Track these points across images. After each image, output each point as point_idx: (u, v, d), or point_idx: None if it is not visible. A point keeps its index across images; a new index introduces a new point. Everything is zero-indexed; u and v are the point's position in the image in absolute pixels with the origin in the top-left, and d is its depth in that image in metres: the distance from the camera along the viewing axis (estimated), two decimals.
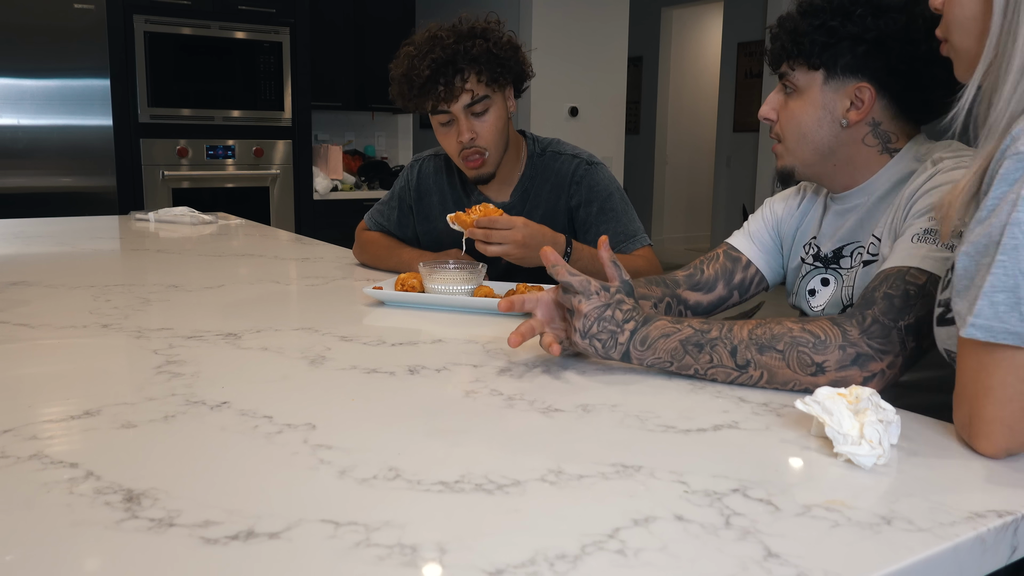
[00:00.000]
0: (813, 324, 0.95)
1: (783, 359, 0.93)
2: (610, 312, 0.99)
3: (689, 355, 0.97)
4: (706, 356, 0.96)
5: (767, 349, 0.94)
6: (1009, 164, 0.72)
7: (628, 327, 0.99)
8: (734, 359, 0.95)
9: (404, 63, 1.59)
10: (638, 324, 0.99)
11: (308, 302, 1.52)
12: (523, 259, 1.47)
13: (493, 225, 1.43)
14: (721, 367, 0.96)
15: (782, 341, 0.94)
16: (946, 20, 0.86)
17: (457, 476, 0.70)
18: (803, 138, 1.16)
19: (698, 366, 0.97)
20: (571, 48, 4.67)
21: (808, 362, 0.93)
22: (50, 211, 3.48)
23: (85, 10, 3.66)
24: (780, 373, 0.94)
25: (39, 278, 1.65)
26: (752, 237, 1.34)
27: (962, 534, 0.62)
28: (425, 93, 1.57)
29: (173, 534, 0.60)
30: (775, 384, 0.95)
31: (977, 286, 0.73)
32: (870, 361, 0.92)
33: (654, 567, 0.56)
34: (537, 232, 1.46)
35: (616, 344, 0.99)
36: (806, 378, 0.93)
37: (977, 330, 0.72)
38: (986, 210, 0.74)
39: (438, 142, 1.70)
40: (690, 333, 0.97)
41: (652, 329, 0.99)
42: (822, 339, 0.93)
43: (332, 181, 4.75)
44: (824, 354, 0.92)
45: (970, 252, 0.74)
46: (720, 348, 0.96)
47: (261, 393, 0.94)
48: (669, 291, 1.27)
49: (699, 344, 0.96)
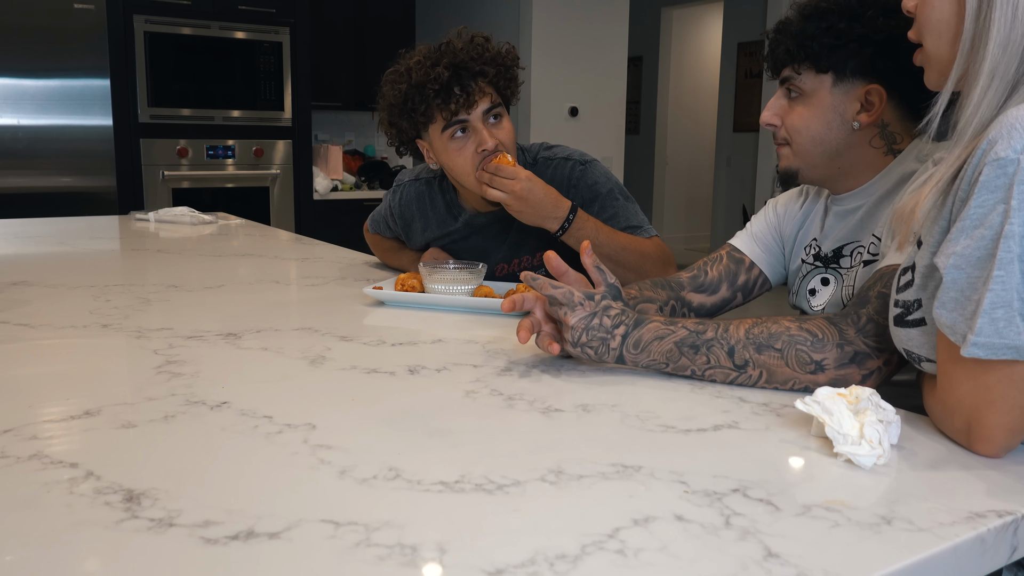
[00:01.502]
0: (810, 323, 0.95)
1: (782, 357, 0.94)
2: (597, 320, 0.99)
3: (685, 356, 0.97)
4: (703, 357, 0.96)
5: (765, 348, 0.94)
6: (990, 171, 0.71)
7: (618, 332, 0.99)
8: (732, 359, 0.95)
9: (412, 75, 1.49)
10: (629, 328, 0.99)
11: (308, 302, 1.52)
12: (520, 213, 1.48)
13: (498, 172, 1.46)
14: (719, 368, 0.96)
15: (780, 340, 0.94)
16: (919, 23, 0.85)
17: (457, 476, 0.70)
18: (813, 141, 1.16)
19: (695, 367, 0.97)
20: (571, 48, 4.67)
21: (807, 360, 0.93)
22: (50, 211, 3.48)
23: (85, 10, 3.67)
24: (779, 372, 0.94)
25: (39, 278, 1.65)
26: (755, 238, 1.34)
27: (962, 534, 0.62)
28: (443, 101, 1.48)
29: (173, 534, 0.60)
30: (774, 383, 0.95)
31: (974, 302, 0.72)
32: (867, 359, 0.93)
33: (654, 567, 0.56)
34: (539, 189, 1.46)
35: (608, 350, 0.99)
36: (805, 376, 0.93)
37: (979, 349, 0.71)
38: (970, 219, 0.73)
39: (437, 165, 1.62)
40: (685, 335, 0.97)
41: (645, 332, 0.98)
42: (819, 337, 0.93)
43: (332, 181, 4.75)
44: (823, 352, 0.93)
45: (960, 265, 0.73)
46: (717, 349, 0.96)
47: (261, 393, 0.94)
48: (673, 293, 1.27)
49: (695, 345, 0.96)
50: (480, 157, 1.51)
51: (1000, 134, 0.71)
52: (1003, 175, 0.71)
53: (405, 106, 1.51)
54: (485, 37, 1.56)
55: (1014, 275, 0.70)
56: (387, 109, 1.55)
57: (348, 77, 4.86)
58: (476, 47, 1.52)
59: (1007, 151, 0.70)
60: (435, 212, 1.73)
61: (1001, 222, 0.70)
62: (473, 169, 1.52)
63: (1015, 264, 0.70)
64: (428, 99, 1.48)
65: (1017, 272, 0.70)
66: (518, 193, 1.44)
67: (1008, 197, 0.70)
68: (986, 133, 0.73)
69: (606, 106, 4.87)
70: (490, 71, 1.51)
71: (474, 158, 1.52)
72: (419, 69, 1.48)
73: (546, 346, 1.03)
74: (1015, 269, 0.70)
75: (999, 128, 0.72)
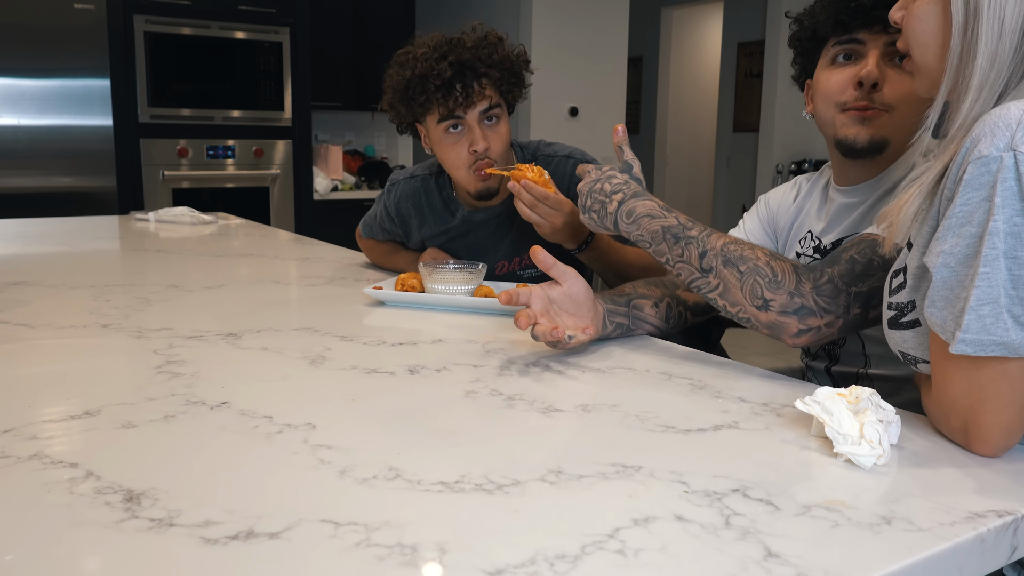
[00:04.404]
0: (777, 262, 0.99)
1: (739, 280, 0.98)
2: (599, 185, 1.11)
3: (666, 242, 1.04)
4: (679, 249, 1.02)
5: (730, 264, 0.99)
6: (973, 169, 0.72)
7: (616, 198, 1.08)
8: (700, 262, 1.01)
9: (418, 65, 1.50)
10: (626, 196, 1.08)
11: (308, 302, 1.52)
12: (549, 236, 1.46)
13: (544, 200, 1.40)
14: (687, 264, 1.02)
15: (746, 263, 0.99)
16: (906, 34, 0.85)
17: (457, 476, 0.70)
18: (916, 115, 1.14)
19: (670, 255, 1.04)
20: (571, 48, 4.67)
21: (758, 295, 0.98)
22: (50, 211, 3.48)
23: (85, 10, 3.67)
24: (733, 292, 0.99)
25: (39, 278, 1.65)
26: (747, 235, 1.36)
27: (962, 534, 0.62)
28: (442, 96, 1.49)
29: (173, 534, 0.60)
30: (724, 301, 1.00)
31: (963, 299, 0.72)
32: (810, 316, 0.96)
33: (654, 567, 0.56)
34: (576, 224, 1.45)
35: (607, 214, 1.09)
36: (750, 308, 0.99)
37: (967, 345, 0.72)
38: (956, 217, 0.73)
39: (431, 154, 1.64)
40: (673, 223, 1.05)
41: (639, 205, 1.06)
42: (778, 279, 0.97)
43: (332, 181, 4.75)
44: (774, 293, 0.97)
45: (949, 263, 0.74)
46: (692, 247, 1.01)
47: (261, 393, 0.94)
48: (668, 292, 1.27)
49: (677, 236, 1.03)
50: (472, 157, 1.53)
51: (983, 132, 0.72)
52: (986, 172, 0.71)
53: (406, 93, 1.53)
54: (499, 37, 1.56)
55: (999, 271, 0.70)
56: (390, 90, 1.57)
57: (348, 77, 4.86)
58: (486, 47, 1.52)
59: (990, 149, 0.71)
60: (431, 209, 1.72)
61: (986, 219, 0.71)
62: (464, 164, 1.55)
63: (1000, 261, 0.70)
64: (428, 92, 1.50)
65: (1003, 269, 0.70)
66: (559, 226, 1.42)
67: (992, 195, 0.71)
68: (970, 132, 0.74)
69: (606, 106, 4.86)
70: (495, 74, 1.51)
71: (466, 156, 1.54)
72: (424, 61, 1.49)
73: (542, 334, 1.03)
74: (1000, 266, 0.70)
75: (982, 127, 0.72)
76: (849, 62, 1.15)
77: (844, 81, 1.14)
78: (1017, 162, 0.69)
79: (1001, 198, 0.70)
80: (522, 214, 1.42)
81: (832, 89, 1.15)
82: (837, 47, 1.15)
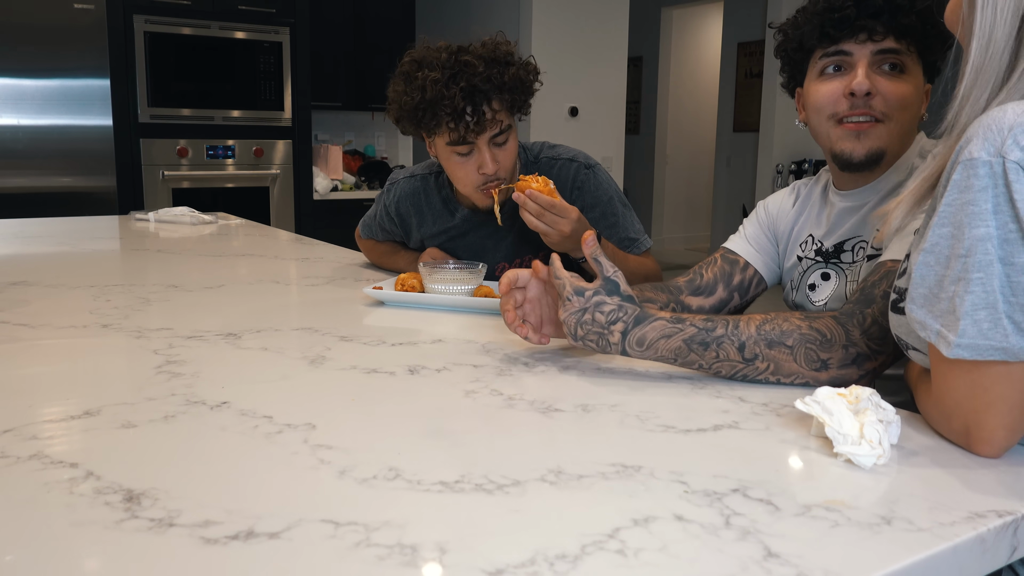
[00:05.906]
0: (819, 322, 0.97)
1: (791, 354, 0.95)
2: (588, 316, 0.99)
3: (694, 352, 0.98)
4: (712, 353, 0.97)
5: (776, 344, 0.96)
6: (961, 171, 0.72)
7: (616, 328, 0.99)
8: (742, 354, 0.96)
9: (427, 88, 1.46)
10: (628, 325, 0.99)
11: (308, 302, 1.52)
12: (556, 245, 1.45)
13: (551, 208, 1.40)
14: (727, 362, 0.97)
15: (791, 337, 0.96)
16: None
17: (457, 476, 0.70)
18: (912, 121, 1.15)
19: (703, 361, 0.98)
20: (571, 48, 4.67)
21: (815, 358, 0.95)
22: (50, 211, 3.48)
23: (85, 10, 3.66)
24: (785, 367, 0.96)
25: (39, 278, 1.65)
26: (748, 239, 1.36)
27: (962, 534, 0.62)
28: (453, 123, 1.46)
29: (173, 534, 0.60)
30: (779, 375, 0.97)
31: (945, 300, 0.73)
32: (866, 361, 0.95)
33: (654, 567, 0.56)
34: (581, 225, 1.44)
35: (609, 344, 1.00)
36: (808, 373, 0.96)
37: (964, 350, 0.72)
38: (940, 216, 0.73)
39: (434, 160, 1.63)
40: (694, 332, 0.97)
41: (649, 330, 0.98)
42: (828, 338, 0.95)
43: (332, 181, 4.75)
44: (829, 352, 0.95)
45: (929, 262, 0.74)
46: (727, 345, 0.97)
47: (261, 393, 0.94)
48: (673, 297, 1.29)
49: (705, 343, 0.97)
50: (482, 178, 1.52)
51: (975, 133, 0.72)
52: (973, 176, 0.71)
53: (415, 114, 1.50)
54: (509, 51, 1.52)
55: (994, 277, 0.70)
56: (397, 106, 1.54)
57: (348, 77, 4.86)
58: (496, 66, 1.48)
59: (980, 152, 0.71)
60: (431, 208, 1.73)
61: (971, 224, 0.71)
62: (472, 184, 1.55)
63: (995, 267, 0.70)
64: (439, 117, 1.47)
65: (998, 275, 0.70)
66: (567, 233, 1.41)
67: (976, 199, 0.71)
68: (966, 132, 0.74)
69: (606, 106, 4.86)
70: (507, 97, 1.49)
71: (475, 176, 1.53)
72: (435, 85, 1.45)
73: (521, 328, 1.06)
74: (995, 271, 0.70)
75: (975, 128, 0.72)
76: (838, 73, 1.15)
77: (835, 93, 1.15)
78: (1006, 169, 0.69)
79: (994, 204, 0.70)
80: (529, 224, 1.42)
81: (824, 102, 1.16)
82: (825, 59, 1.16)
